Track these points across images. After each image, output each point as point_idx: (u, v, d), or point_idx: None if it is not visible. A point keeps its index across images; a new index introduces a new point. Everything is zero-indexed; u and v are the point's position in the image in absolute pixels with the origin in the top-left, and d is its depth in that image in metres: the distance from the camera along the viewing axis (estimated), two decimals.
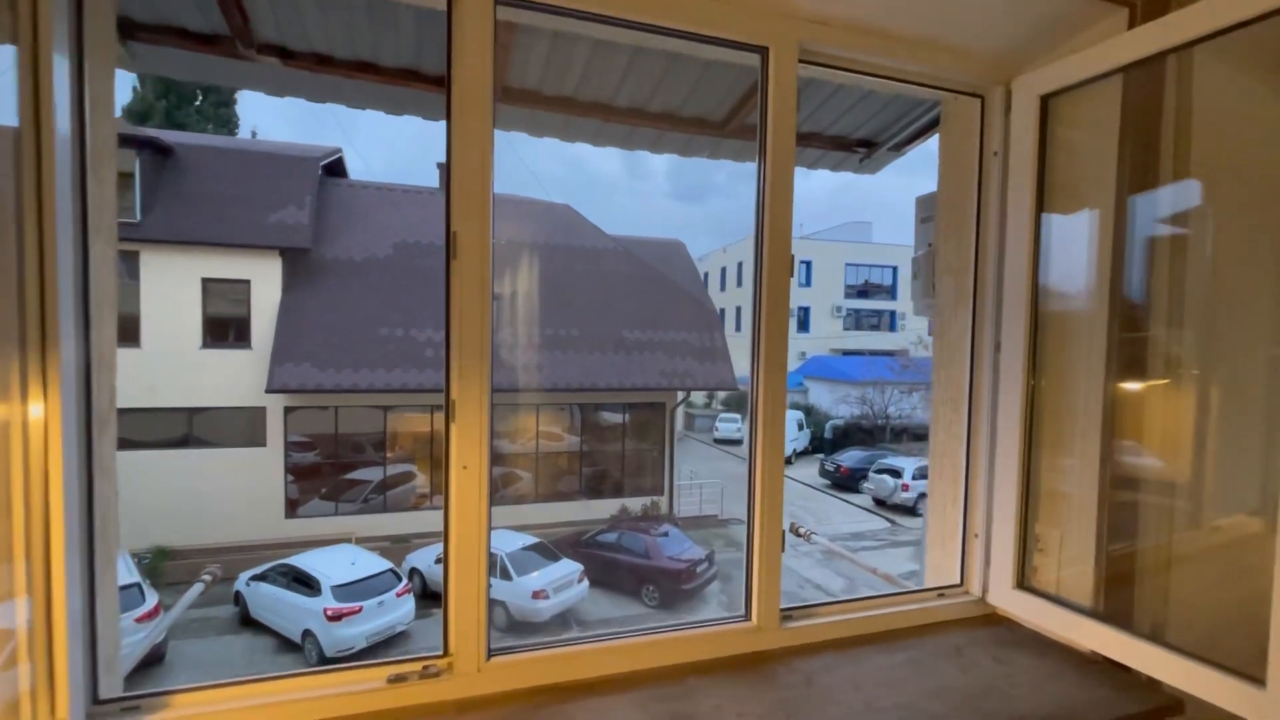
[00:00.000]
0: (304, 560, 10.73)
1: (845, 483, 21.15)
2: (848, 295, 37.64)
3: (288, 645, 10.00)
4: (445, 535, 1.40)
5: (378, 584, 10.26)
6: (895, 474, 19.35)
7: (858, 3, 1.49)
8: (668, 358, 16.13)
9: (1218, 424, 1.51)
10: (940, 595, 1.82)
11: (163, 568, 12.39)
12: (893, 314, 38.17)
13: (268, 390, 13.06)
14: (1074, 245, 1.66)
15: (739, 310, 37.71)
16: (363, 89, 2.18)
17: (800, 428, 25.58)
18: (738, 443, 26.81)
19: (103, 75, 1.21)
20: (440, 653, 1.37)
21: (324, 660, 9.44)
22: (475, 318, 1.31)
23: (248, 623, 10.65)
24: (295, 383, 13.19)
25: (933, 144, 2.91)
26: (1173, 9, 1.40)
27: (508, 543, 11.61)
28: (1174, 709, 1.38)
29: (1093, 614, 1.55)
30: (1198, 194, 1.56)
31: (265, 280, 13.99)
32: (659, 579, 12.19)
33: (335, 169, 17.27)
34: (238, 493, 13.60)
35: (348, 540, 13.10)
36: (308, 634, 9.69)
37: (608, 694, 1.36)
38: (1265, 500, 1.38)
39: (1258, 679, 1.25)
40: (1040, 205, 1.63)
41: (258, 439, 14.00)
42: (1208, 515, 1.53)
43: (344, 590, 9.88)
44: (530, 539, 12.09)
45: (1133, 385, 1.59)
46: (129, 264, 13.48)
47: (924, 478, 19.05)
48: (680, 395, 16.97)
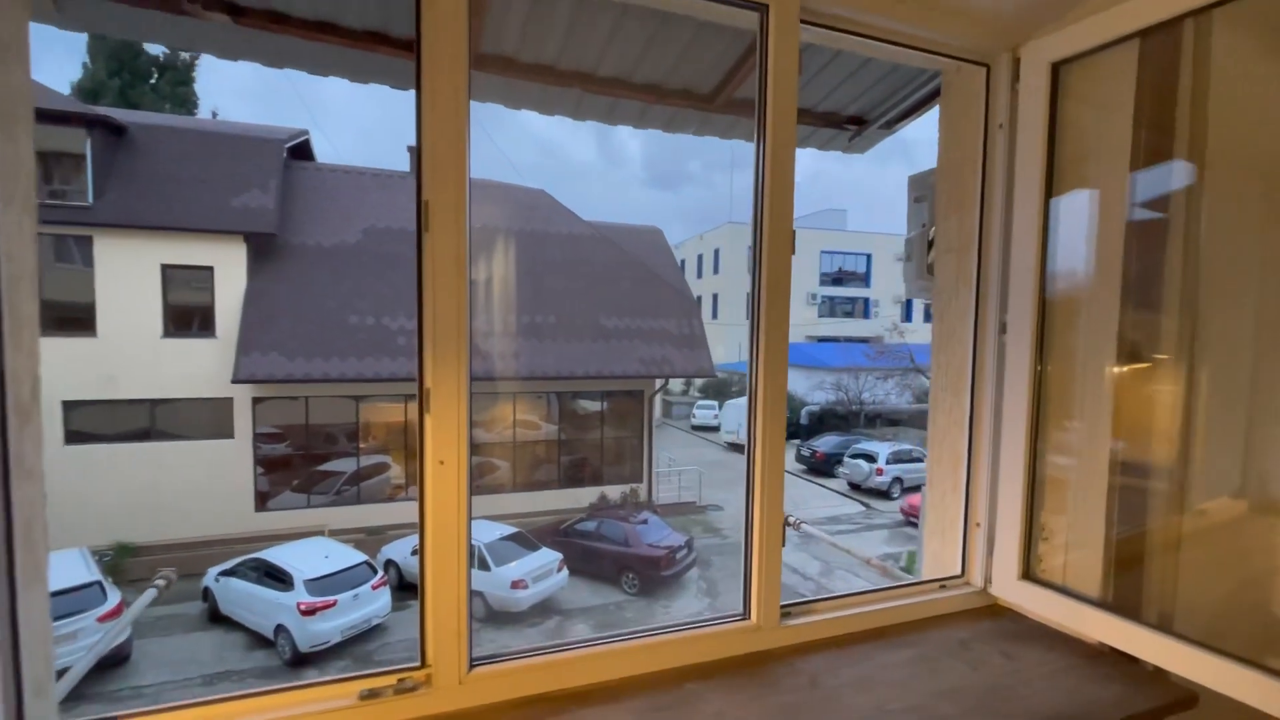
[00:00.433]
0: (275, 554, 10.50)
1: (820, 467, 21.38)
2: (822, 282, 37.89)
3: (260, 641, 9.79)
4: (420, 536, 1.28)
5: (353, 577, 10.08)
6: (870, 459, 19.61)
7: None
8: (646, 345, 16.04)
9: (1232, 409, 1.46)
10: (942, 587, 1.75)
11: (126, 564, 12.02)
12: (867, 301, 38.55)
13: (234, 380, 12.65)
14: (1083, 224, 1.58)
15: (715, 298, 37.76)
16: (324, 53, 2.01)
17: None
18: (715, 429, 26.93)
19: (12, 16, 1.04)
20: (417, 664, 1.25)
21: (298, 656, 9.25)
22: (451, 297, 1.19)
23: (217, 619, 10.40)
24: (263, 372, 12.79)
25: (909, 131, 2.85)
26: None
27: (486, 533, 11.48)
28: (1188, 702, 1.34)
29: (1101, 604, 1.50)
30: (1213, 171, 1.49)
31: (229, 267, 13.49)
32: (638, 566, 12.21)
33: (301, 152, 16.69)
34: (205, 486, 13.25)
35: (321, 533, 12.84)
36: (280, 629, 9.48)
37: (602, 704, 1.26)
38: None
39: (1274, 670, 1.20)
40: (1050, 181, 1.55)
41: (225, 431, 13.60)
42: (1222, 503, 1.48)
43: (318, 584, 9.68)
44: (509, 529, 11.97)
45: (1143, 369, 1.54)
46: (82, 249, 12.89)
47: (898, 462, 19.41)
48: (659, 383, 16.92)
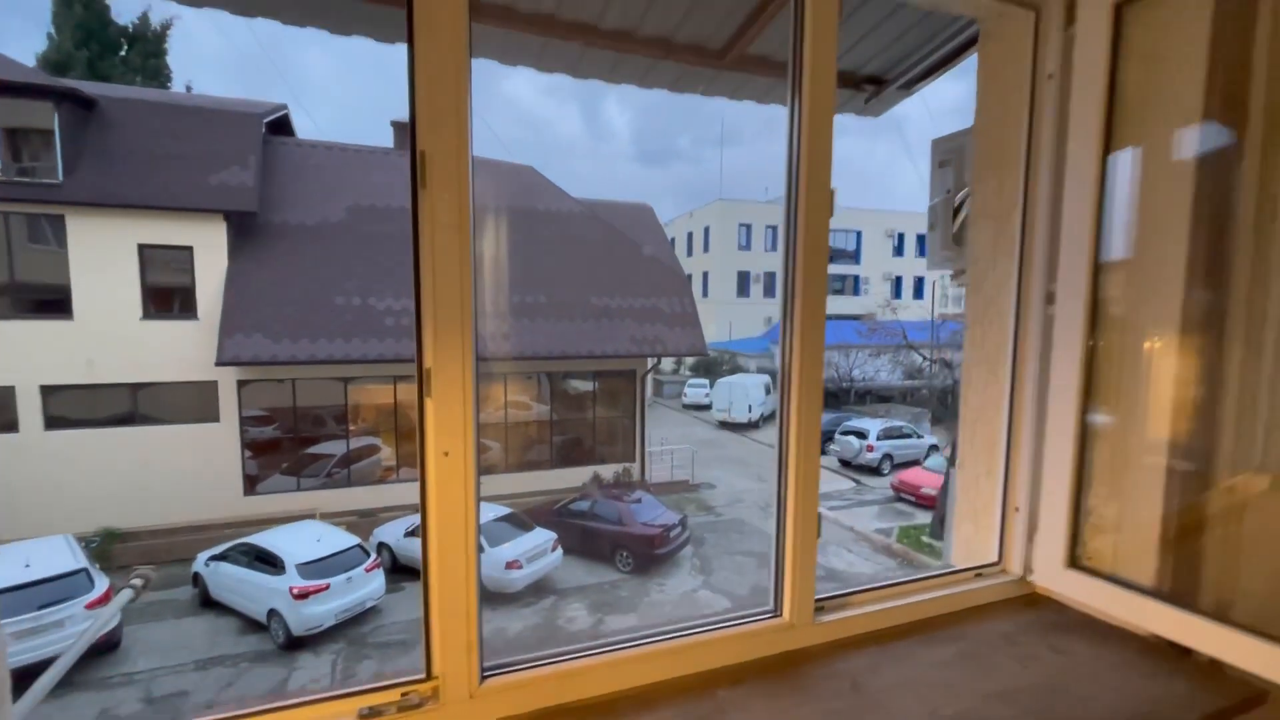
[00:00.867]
0: (266, 538, 10.37)
1: None
2: None
3: (253, 626, 9.69)
4: (423, 536, 1.15)
5: (345, 560, 9.96)
6: (860, 435, 19.67)
7: None
8: (638, 324, 15.87)
9: None
10: (978, 576, 1.65)
11: (113, 550, 11.84)
12: (856, 278, 38.44)
13: (218, 363, 12.36)
14: (1142, 183, 1.45)
15: (705, 275, 37.51)
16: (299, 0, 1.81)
17: (767, 392, 25.84)
18: (706, 408, 26.94)
19: None
20: (422, 676, 1.13)
21: (292, 640, 9.16)
22: (453, 263, 1.03)
23: (209, 604, 10.28)
24: (247, 355, 12.51)
25: (900, 106, 2.70)
26: None
27: (479, 514, 11.37)
28: (1258, 699, 1.24)
29: (1156, 593, 1.40)
30: None
31: (209, 247, 13.10)
32: (632, 545, 12.21)
33: (281, 127, 16.16)
34: (192, 470, 13.04)
35: (312, 516, 12.71)
36: (273, 614, 9.38)
37: (630, 715, 1.15)
38: None
39: None
40: (1109, 136, 1.41)
41: (210, 414, 13.34)
42: None
43: (310, 568, 9.57)
44: (503, 509, 11.88)
45: (1205, 342, 1.41)
46: (55, 229, 12.45)
47: (889, 438, 19.50)
48: (651, 362, 16.79)
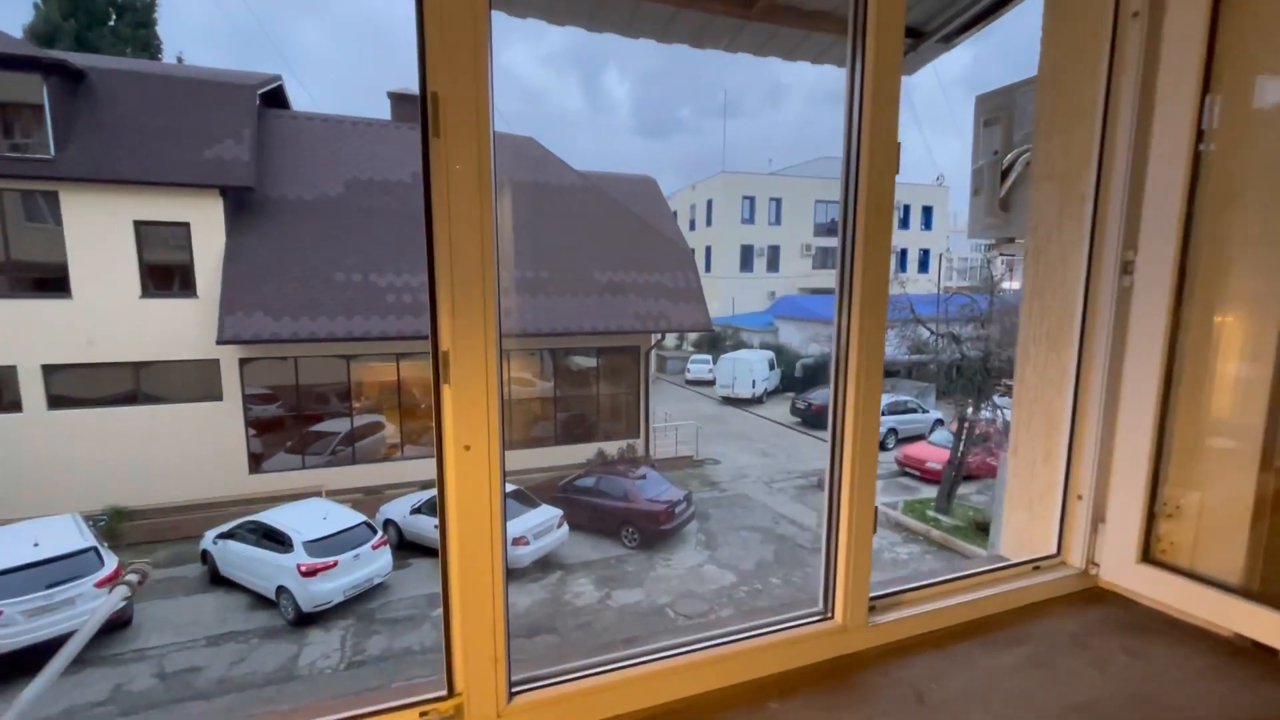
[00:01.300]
0: (273, 516, 10.38)
1: (816, 420, 21.35)
2: (817, 233, 37.19)
3: (262, 602, 9.74)
4: (441, 538, 1.02)
5: (352, 537, 9.98)
6: None
7: None
8: (642, 299, 15.68)
9: None
10: (1036, 569, 1.53)
11: (122, 528, 11.88)
12: None
13: (219, 341, 12.23)
14: (1244, 136, 1.29)
15: (709, 250, 37.09)
16: None
17: (771, 367, 25.72)
18: (710, 384, 26.88)
19: None
20: (444, 693, 1.01)
21: (301, 616, 9.20)
22: (472, 227, 0.88)
23: (218, 581, 10.34)
24: (248, 333, 12.38)
25: (913, 80, 2.49)
26: None
27: None
28: None
29: (1244, 592, 1.28)
30: None
31: (206, 223, 12.88)
32: (638, 520, 12.23)
33: (276, 99, 15.77)
34: (196, 449, 13.02)
35: (318, 494, 12.72)
36: (282, 590, 9.43)
37: None
38: None
39: None
40: (1207, 80, 1.25)
41: (213, 393, 13.27)
42: None
43: (317, 545, 9.59)
44: (509, 486, 11.86)
45: None
46: (50, 206, 12.23)
47: (894, 413, 19.41)
48: (655, 338, 16.64)
